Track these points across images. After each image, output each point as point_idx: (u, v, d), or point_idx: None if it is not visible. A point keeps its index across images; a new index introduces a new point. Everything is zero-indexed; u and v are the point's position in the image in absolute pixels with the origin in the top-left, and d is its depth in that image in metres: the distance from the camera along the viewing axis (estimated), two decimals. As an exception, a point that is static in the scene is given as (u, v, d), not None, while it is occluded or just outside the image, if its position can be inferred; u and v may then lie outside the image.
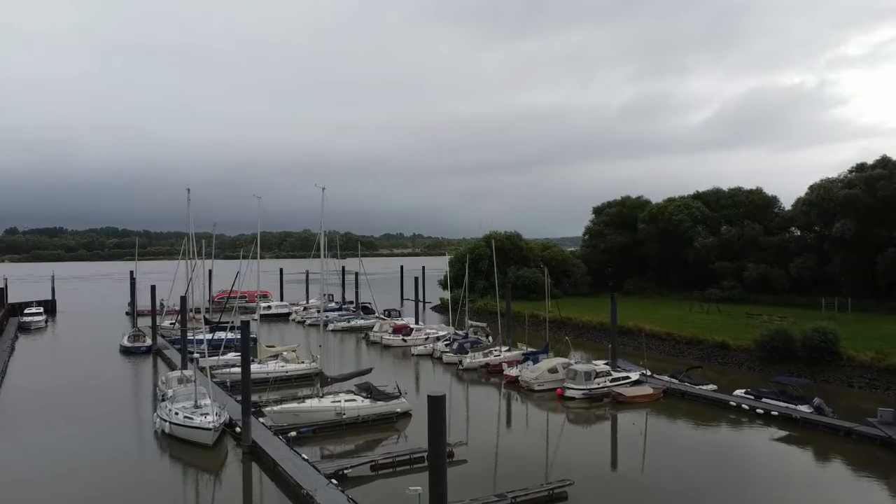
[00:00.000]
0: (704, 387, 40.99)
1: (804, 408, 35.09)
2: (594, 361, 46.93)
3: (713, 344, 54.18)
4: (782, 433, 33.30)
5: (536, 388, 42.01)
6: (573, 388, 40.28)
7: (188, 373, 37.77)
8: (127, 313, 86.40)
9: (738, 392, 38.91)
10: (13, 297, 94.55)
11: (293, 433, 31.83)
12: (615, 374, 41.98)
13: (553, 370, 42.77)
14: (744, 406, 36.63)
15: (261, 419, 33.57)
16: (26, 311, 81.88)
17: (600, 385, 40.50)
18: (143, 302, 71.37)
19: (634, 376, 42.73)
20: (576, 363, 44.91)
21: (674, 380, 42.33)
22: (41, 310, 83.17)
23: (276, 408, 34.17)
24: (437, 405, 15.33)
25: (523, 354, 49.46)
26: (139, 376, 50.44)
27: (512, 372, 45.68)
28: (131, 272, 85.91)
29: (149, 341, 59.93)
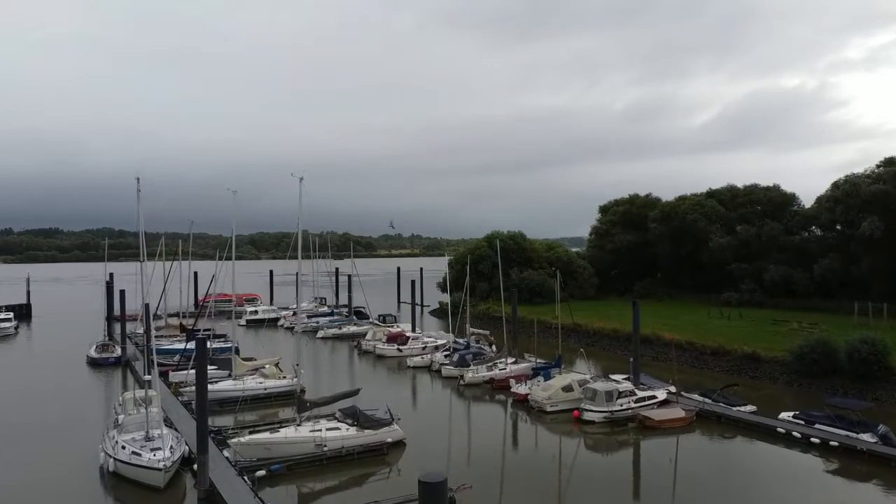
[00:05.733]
0: (743, 408, 35.57)
1: (867, 436, 29.76)
2: (612, 376, 41.68)
3: (742, 355, 48.71)
4: (846, 468, 27.97)
5: (549, 408, 36.59)
6: (592, 411, 34.89)
7: (140, 393, 32.22)
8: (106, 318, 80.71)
9: (785, 415, 33.43)
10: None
11: (262, 472, 26.45)
12: (640, 394, 36.57)
13: (568, 388, 37.30)
14: (794, 433, 31.20)
15: (225, 452, 28.24)
16: None
17: (623, 406, 35.10)
18: (127, 307, 65.94)
19: (661, 395, 37.35)
20: (591, 378, 39.64)
21: (707, 399, 36.85)
22: (11, 315, 77.42)
23: (242, 439, 28.62)
24: (433, 494, 9.72)
25: (533, 368, 43.95)
26: (101, 393, 44.93)
27: (520, 389, 40.24)
28: (111, 275, 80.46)
29: (118, 351, 54.46)
